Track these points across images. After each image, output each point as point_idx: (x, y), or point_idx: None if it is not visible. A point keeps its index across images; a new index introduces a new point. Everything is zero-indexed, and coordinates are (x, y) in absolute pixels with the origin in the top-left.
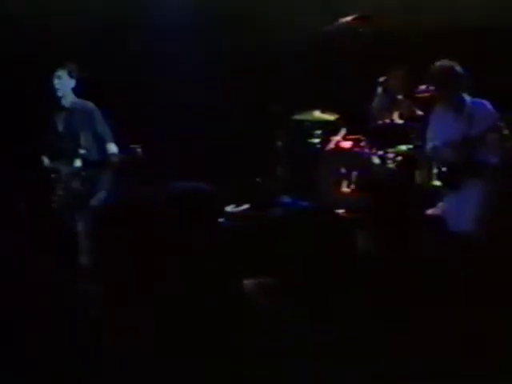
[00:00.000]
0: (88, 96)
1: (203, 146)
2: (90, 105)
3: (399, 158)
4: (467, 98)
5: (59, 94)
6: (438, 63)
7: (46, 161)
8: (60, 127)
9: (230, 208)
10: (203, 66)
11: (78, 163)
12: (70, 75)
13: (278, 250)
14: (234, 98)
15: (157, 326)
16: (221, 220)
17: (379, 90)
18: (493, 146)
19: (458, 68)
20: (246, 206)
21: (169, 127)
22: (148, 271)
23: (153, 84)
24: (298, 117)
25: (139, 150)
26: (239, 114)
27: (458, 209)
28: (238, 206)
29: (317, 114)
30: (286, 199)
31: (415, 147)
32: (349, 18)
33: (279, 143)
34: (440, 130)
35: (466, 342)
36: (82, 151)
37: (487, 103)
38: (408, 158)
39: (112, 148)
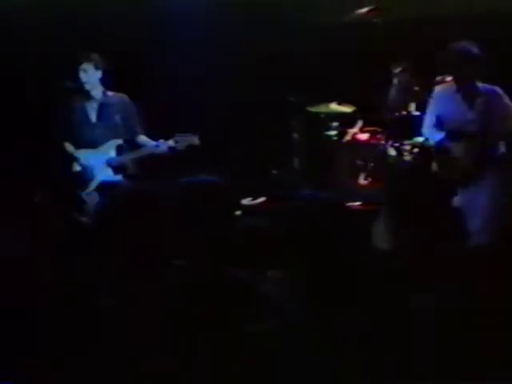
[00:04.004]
0: (117, 87)
1: (219, 138)
2: (123, 97)
3: (416, 150)
4: (479, 83)
5: (87, 87)
6: (455, 44)
7: (76, 151)
8: (93, 118)
9: (246, 201)
10: (220, 55)
11: (111, 153)
12: (96, 67)
13: (295, 243)
14: (251, 90)
15: (164, 318)
16: (237, 213)
17: (395, 81)
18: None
19: (476, 51)
20: (262, 199)
21: (187, 119)
22: (159, 264)
23: (168, 76)
24: (314, 109)
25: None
26: (255, 106)
27: (467, 207)
28: (254, 198)
29: (333, 105)
30: (303, 192)
31: None
32: (364, 10)
33: (295, 135)
34: (448, 118)
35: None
36: (116, 141)
37: (501, 91)
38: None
39: (145, 139)
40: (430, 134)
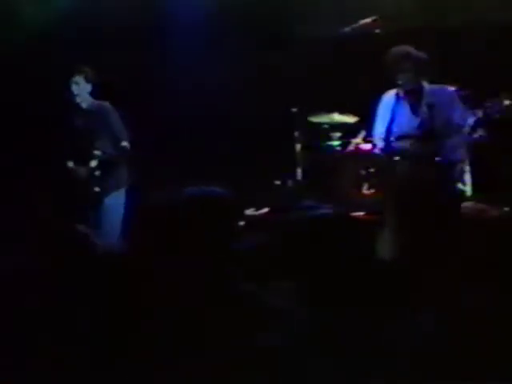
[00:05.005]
0: (105, 97)
1: (222, 147)
2: (107, 105)
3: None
4: (426, 84)
5: (78, 99)
6: (396, 47)
7: (65, 161)
8: (78, 128)
9: (249, 212)
10: (221, 67)
11: (94, 163)
12: (87, 80)
13: (298, 253)
14: (253, 101)
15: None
16: (239, 224)
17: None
18: (457, 139)
19: (419, 53)
20: (265, 210)
21: (188, 129)
22: (161, 275)
23: (171, 85)
24: (317, 119)
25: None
26: (258, 116)
27: None
28: (257, 209)
29: (336, 116)
30: (306, 202)
31: None
32: (367, 20)
33: (298, 145)
34: (395, 122)
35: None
36: (98, 151)
37: (448, 88)
38: None
39: (126, 146)
40: (379, 139)
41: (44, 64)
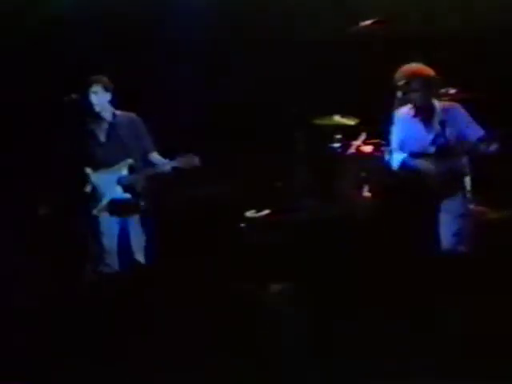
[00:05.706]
0: (125, 106)
1: (223, 150)
2: (133, 116)
3: None
4: (437, 102)
5: (97, 108)
6: (408, 66)
7: (89, 172)
8: (103, 138)
9: (250, 213)
10: (223, 69)
11: (124, 172)
12: (106, 89)
13: (299, 254)
14: (255, 102)
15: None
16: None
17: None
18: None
19: (431, 72)
20: (266, 211)
21: (188, 129)
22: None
23: (176, 89)
24: (318, 121)
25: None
26: (259, 118)
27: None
28: (258, 211)
29: (337, 118)
30: (307, 204)
31: None
32: (368, 22)
33: (299, 148)
34: (408, 139)
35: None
36: (128, 161)
37: (459, 106)
38: None
39: (157, 157)
40: (394, 156)
41: (62, 71)
